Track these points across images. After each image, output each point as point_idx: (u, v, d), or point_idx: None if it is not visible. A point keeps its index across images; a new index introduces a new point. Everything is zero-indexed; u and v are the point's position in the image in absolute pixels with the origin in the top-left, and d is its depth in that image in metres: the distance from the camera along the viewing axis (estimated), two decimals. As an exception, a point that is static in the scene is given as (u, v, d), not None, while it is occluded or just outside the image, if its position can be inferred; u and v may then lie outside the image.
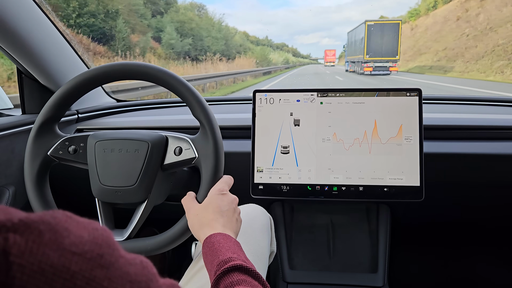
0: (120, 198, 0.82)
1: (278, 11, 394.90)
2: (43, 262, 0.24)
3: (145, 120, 1.26)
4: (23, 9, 0.99)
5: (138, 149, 0.81)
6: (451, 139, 1.11)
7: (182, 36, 16.93)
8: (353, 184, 1.00)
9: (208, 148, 0.79)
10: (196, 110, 0.80)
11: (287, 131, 1.02)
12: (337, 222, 1.29)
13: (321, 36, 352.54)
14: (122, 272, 0.28)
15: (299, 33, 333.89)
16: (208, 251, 0.63)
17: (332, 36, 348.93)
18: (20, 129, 1.09)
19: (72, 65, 1.24)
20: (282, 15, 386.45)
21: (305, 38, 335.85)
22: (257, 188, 1.03)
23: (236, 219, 0.74)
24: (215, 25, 13.53)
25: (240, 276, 0.55)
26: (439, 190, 1.14)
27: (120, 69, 0.82)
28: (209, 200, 0.74)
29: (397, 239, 1.34)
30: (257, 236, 0.89)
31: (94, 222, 0.30)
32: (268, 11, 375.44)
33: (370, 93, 1.01)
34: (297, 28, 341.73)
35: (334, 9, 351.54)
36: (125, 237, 0.82)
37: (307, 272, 1.23)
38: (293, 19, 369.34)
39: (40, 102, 1.18)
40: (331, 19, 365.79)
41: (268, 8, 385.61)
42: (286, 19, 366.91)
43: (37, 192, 0.85)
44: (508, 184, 1.13)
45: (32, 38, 1.04)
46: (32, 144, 0.86)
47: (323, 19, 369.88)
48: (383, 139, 1.00)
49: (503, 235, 1.49)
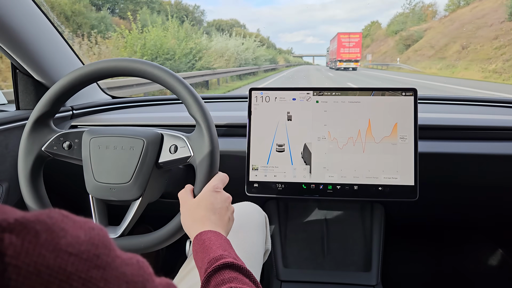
0: (114, 195, 0.81)
1: (262, 9, 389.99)
2: (39, 263, 0.24)
3: (140, 117, 1.25)
4: (18, 4, 0.98)
5: (133, 146, 0.81)
6: (446, 139, 1.11)
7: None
8: (348, 183, 1.00)
9: (203, 147, 0.79)
10: (192, 108, 0.80)
11: (282, 129, 1.02)
12: (332, 220, 1.29)
13: (306, 34, 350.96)
14: (119, 272, 0.28)
15: (283, 31, 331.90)
16: (198, 248, 0.63)
17: (316, 34, 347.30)
18: (14, 124, 1.08)
19: (67, 60, 1.23)
20: (266, 12, 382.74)
21: (289, 36, 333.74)
22: (252, 186, 1.03)
23: (229, 218, 0.73)
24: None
25: (231, 274, 0.55)
26: (434, 189, 1.14)
27: (116, 65, 0.82)
28: (203, 197, 0.74)
29: (390, 238, 1.35)
30: (252, 234, 0.89)
31: (90, 221, 0.29)
32: (252, 8, 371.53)
33: (365, 92, 1.01)
34: (281, 26, 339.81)
35: (319, 7, 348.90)
36: (119, 234, 0.82)
37: (301, 270, 1.24)
38: (277, 17, 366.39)
39: (34, 97, 1.17)
40: (315, 18, 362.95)
41: (251, 5, 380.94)
42: (270, 17, 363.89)
43: (30, 188, 0.85)
44: (501, 184, 1.14)
45: (26, 33, 1.03)
46: (26, 140, 0.85)
47: (307, 17, 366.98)
48: (377, 138, 1.00)
49: (496, 234, 1.51)
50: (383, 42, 52.05)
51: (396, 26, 50.14)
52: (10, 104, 1.25)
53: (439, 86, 12.89)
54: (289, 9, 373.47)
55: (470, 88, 11.86)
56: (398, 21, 52.37)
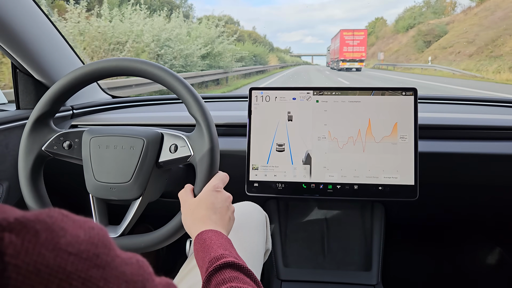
0: (115, 194, 0.81)
1: (260, 8, 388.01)
2: (38, 262, 0.24)
3: (140, 117, 1.25)
4: (18, 3, 0.98)
5: (134, 146, 0.81)
6: (446, 138, 1.11)
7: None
8: (348, 182, 1.00)
9: (203, 146, 0.79)
10: (192, 107, 0.80)
11: (282, 129, 1.02)
12: (332, 220, 1.29)
13: (304, 34, 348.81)
14: (118, 272, 0.28)
15: (282, 31, 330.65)
16: (199, 247, 0.63)
17: (315, 34, 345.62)
18: (14, 124, 1.08)
19: (67, 60, 1.23)
20: (264, 12, 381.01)
21: (288, 36, 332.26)
22: (252, 186, 1.03)
23: (229, 217, 0.73)
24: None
25: (232, 273, 0.55)
26: (434, 189, 1.14)
27: (116, 65, 0.82)
28: (203, 196, 0.74)
29: (391, 238, 1.35)
30: (252, 234, 0.89)
31: (90, 220, 0.29)
32: (250, 8, 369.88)
33: (365, 92, 1.01)
34: (280, 26, 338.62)
35: (317, 7, 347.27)
36: (119, 233, 0.82)
37: (301, 269, 1.24)
38: (276, 16, 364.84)
39: (34, 97, 1.17)
40: (314, 17, 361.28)
41: (250, 5, 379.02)
42: (269, 16, 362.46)
43: (31, 188, 0.85)
44: (502, 184, 1.13)
45: (27, 33, 1.03)
46: (26, 139, 0.85)
47: (306, 17, 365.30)
48: (377, 137, 1.00)
49: (496, 234, 1.50)
50: (392, 40, 45.91)
51: (406, 22, 43.45)
52: (10, 104, 1.25)
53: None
54: (288, 8, 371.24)
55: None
56: (409, 16, 45.49)
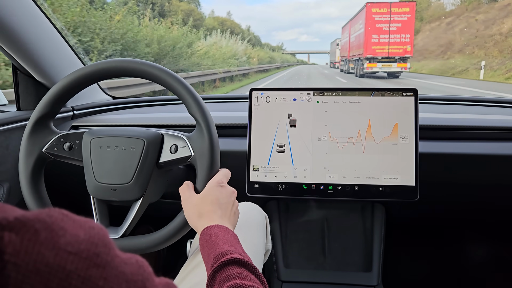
0: (115, 195, 0.81)
1: (255, 6, 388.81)
2: (38, 261, 0.24)
3: (141, 118, 1.25)
4: (18, 4, 0.99)
5: (134, 147, 0.81)
6: (447, 139, 1.11)
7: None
8: (348, 183, 1.00)
9: (204, 146, 0.79)
10: (192, 108, 0.80)
11: (283, 130, 1.02)
12: (332, 220, 1.29)
13: (300, 32, 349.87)
14: (118, 271, 0.28)
15: (277, 29, 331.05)
16: (205, 243, 0.63)
17: (310, 32, 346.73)
18: (15, 125, 1.08)
19: (67, 61, 1.23)
20: (259, 10, 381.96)
21: (283, 34, 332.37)
22: (253, 187, 1.03)
23: (234, 212, 0.74)
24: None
25: (237, 270, 0.55)
26: (434, 190, 1.14)
27: (117, 66, 0.82)
28: (208, 192, 0.74)
29: (391, 238, 1.34)
30: (252, 234, 0.89)
31: (90, 220, 0.29)
32: (245, 6, 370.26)
33: (366, 93, 1.01)
34: (275, 24, 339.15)
35: (313, 5, 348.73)
36: (120, 234, 0.82)
37: (302, 270, 1.24)
38: (271, 15, 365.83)
39: (35, 98, 1.17)
40: (309, 15, 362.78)
41: (245, 3, 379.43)
42: (264, 14, 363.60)
43: (31, 189, 0.85)
44: (502, 184, 1.13)
45: (27, 34, 1.03)
46: (27, 141, 0.85)
47: (301, 15, 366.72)
48: (377, 138, 1.00)
49: (497, 234, 1.50)
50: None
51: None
52: (11, 105, 1.25)
53: None
54: (283, 6, 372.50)
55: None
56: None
